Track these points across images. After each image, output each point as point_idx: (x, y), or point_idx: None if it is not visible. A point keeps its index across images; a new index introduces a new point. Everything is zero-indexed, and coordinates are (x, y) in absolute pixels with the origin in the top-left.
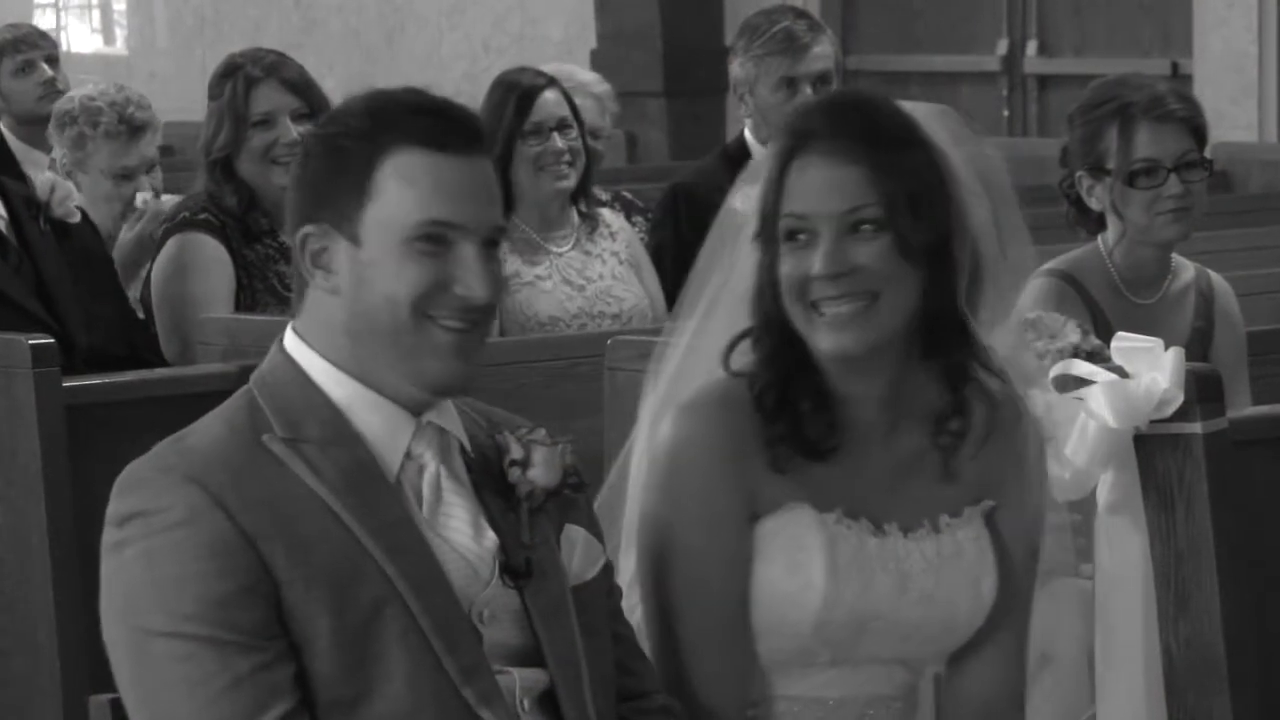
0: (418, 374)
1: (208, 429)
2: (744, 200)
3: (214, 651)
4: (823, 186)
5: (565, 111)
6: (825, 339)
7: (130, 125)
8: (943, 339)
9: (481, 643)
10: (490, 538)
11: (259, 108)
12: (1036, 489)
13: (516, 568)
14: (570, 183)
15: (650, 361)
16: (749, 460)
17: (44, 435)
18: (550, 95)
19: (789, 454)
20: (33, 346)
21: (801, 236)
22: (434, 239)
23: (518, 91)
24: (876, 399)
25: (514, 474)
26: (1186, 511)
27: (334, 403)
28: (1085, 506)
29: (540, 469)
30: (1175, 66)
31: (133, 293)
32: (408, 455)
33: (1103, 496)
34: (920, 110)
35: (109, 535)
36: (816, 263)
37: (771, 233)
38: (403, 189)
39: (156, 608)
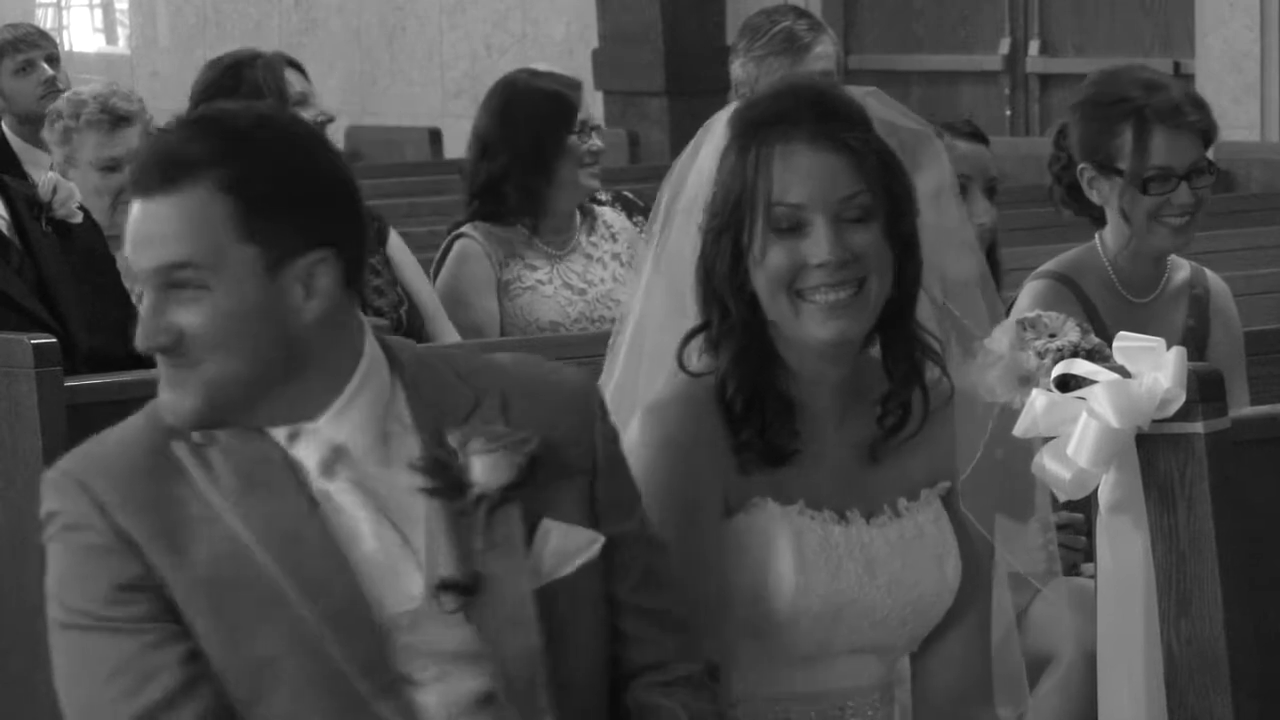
0: None
1: (123, 431)
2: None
3: (101, 638)
4: (815, 173)
5: (592, 113)
6: (819, 327)
7: (113, 115)
8: (892, 325)
9: (382, 639)
10: (391, 539)
11: None
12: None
13: (460, 583)
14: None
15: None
16: (717, 458)
17: (46, 435)
18: (584, 97)
19: (753, 459)
20: (35, 346)
21: (789, 225)
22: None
23: (563, 94)
24: (834, 385)
25: (461, 475)
26: (1188, 511)
27: None
28: (1087, 506)
29: (483, 471)
30: (1177, 66)
31: None
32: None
33: (1104, 496)
34: (856, 95)
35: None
36: (820, 250)
37: (741, 223)
38: None
39: (55, 602)
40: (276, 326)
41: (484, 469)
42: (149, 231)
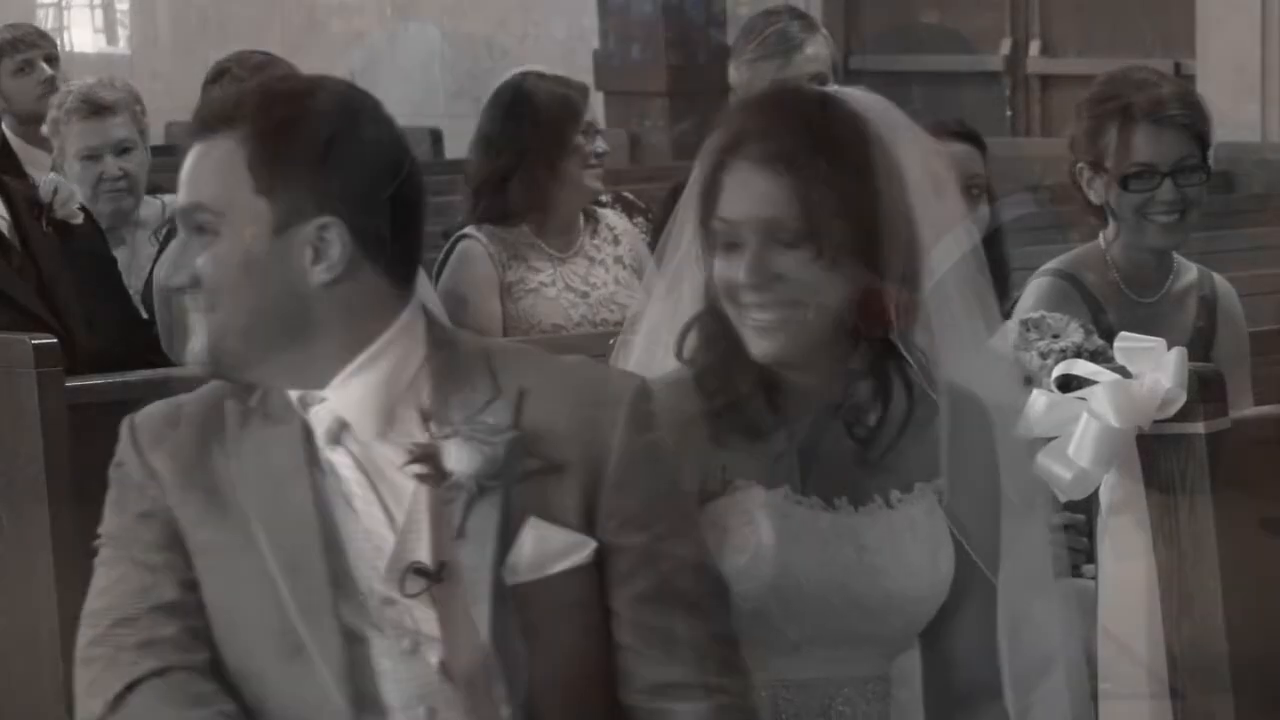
0: None
1: (201, 387)
2: None
3: (113, 553)
4: (750, 194)
5: (596, 116)
6: (753, 343)
7: (92, 104)
8: (868, 336)
9: (331, 592)
10: (378, 518)
11: None
12: (980, 471)
13: (426, 569)
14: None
15: (614, 351)
16: (696, 443)
17: (47, 435)
18: (589, 100)
19: (729, 430)
20: (36, 347)
21: (730, 241)
22: None
23: (571, 96)
24: (807, 390)
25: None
26: (1189, 511)
27: None
28: (1088, 507)
29: (453, 457)
30: (1178, 66)
31: None
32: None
33: (1105, 497)
34: (864, 102)
35: None
36: (741, 272)
37: (708, 230)
38: None
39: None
40: (281, 285)
41: (453, 454)
42: (184, 173)
